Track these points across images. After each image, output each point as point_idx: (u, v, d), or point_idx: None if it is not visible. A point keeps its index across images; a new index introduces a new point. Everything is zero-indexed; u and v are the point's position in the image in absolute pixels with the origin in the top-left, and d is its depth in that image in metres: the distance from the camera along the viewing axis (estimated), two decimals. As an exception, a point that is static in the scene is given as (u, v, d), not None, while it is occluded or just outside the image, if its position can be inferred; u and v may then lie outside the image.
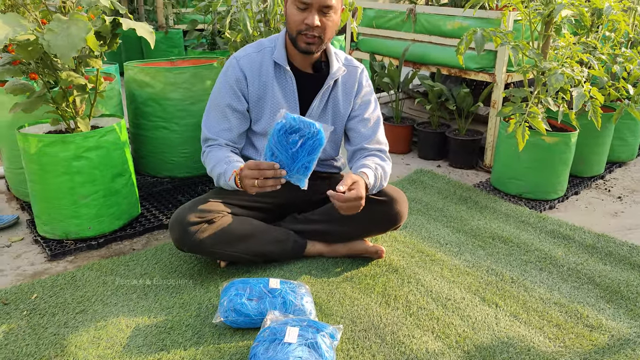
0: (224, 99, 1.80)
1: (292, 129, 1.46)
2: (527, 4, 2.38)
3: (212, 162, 1.77)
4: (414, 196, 2.54)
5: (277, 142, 1.47)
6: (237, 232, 1.77)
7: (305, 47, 1.72)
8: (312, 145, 1.48)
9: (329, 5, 1.66)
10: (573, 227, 2.24)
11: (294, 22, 1.69)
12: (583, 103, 2.23)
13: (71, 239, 2.02)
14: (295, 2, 1.66)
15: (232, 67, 1.82)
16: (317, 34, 1.69)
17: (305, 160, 1.50)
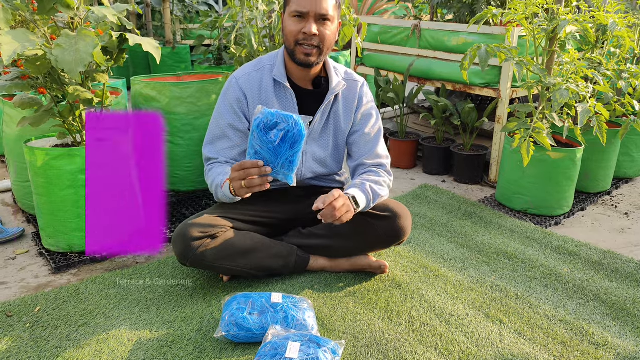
0: (225, 119, 1.81)
1: (271, 124, 1.44)
2: (532, 20, 2.40)
3: (211, 178, 1.77)
4: (418, 211, 2.53)
5: (258, 138, 1.46)
6: (239, 247, 1.77)
7: (303, 59, 1.72)
8: (293, 137, 1.46)
9: (325, 14, 1.68)
10: (579, 243, 2.22)
11: (291, 33, 1.70)
12: (588, 119, 2.23)
13: (75, 252, 2.03)
14: (292, 12, 1.68)
15: (231, 87, 1.83)
16: (316, 43, 1.70)
17: (289, 154, 1.48)
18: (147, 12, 4.86)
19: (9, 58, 1.59)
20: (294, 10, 1.68)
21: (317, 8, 1.67)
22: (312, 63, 1.74)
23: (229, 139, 1.82)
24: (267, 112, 1.45)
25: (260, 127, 1.44)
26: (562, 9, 2.40)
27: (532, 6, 2.32)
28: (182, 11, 5.24)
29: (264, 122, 1.44)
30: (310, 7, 1.67)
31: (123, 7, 1.94)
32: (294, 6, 1.68)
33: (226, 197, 1.70)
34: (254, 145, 1.47)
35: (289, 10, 1.71)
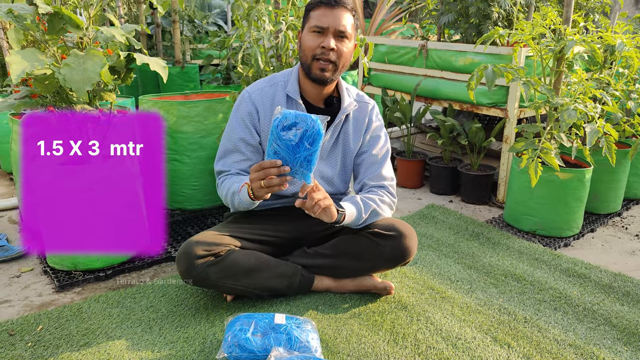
0: (237, 133, 1.82)
1: (290, 124, 1.46)
2: (539, 40, 2.39)
3: (226, 187, 1.78)
4: (425, 231, 2.51)
5: (277, 138, 1.47)
6: (243, 266, 1.76)
7: (319, 74, 1.75)
8: (312, 136, 1.46)
9: (344, 30, 1.72)
10: (589, 265, 2.18)
11: (309, 48, 1.74)
12: (597, 139, 2.20)
13: (79, 270, 2.02)
14: (312, 28, 1.73)
15: (244, 101, 1.85)
16: (333, 58, 1.73)
17: (307, 153, 1.48)
18: (157, 32, 4.92)
19: (17, 77, 1.61)
20: (313, 25, 1.73)
21: (336, 24, 1.72)
22: (327, 79, 1.77)
23: (240, 152, 1.83)
24: (285, 112, 1.47)
25: (280, 127, 1.46)
26: (569, 29, 2.40)
27: (539, 27, 2.32)
28: (191, 31, 5.30)
29: (283, 122, 1.46)
30: (330, 23, 1.71)
31: (131, 27, 1.97)
32: (314, 21, 1.73)
33: (243, 203, 1.70)
34: (273, 145, 1.48)
35: (308, 25, 1.75)
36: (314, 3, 1.76)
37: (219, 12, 5.86)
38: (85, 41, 1.91)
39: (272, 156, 1.49)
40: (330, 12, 1.72)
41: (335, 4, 1.72)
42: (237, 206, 1.75)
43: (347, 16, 1.74)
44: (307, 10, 1.79)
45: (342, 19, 1.72)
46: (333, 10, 1.72)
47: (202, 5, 5.83)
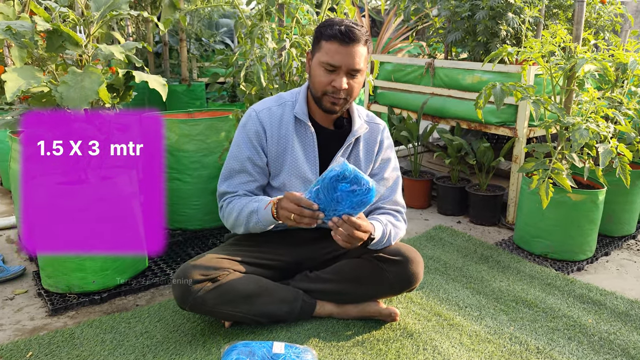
0: (244, 153, 1.75)
1: (347, 180, 1.44)
2: (548, 59, 2.34)
3: (236, 208, 1.71)
4: (432, 254, 2.43)
5: (327, 186, 1.46)
6: (242, 292, 1.69)
7: (330, 107, 1.69)
8: (360, 200, 1.47)
9: (358, 69, 1.64)
10: (604, 291, 2.08)
11: (320, 84, 1.66)
12: (610, 159, 2.13)
13: (74, 293, 1.96)
14: (323, 64, 1.63)
15: (251, 120, 1.78)
16: (344, 95, 1.66)
17: (347, 212, 1.49)
18: (164, 50, 4.93)
19: (12, 95, 1.58)
20: (325, 61, 1.62)
21: (350, 63, 1.62)
22: (337, 112, 1.72)
23: (247, 173, 1.76)
24: (346, 166, 1.45)
25: (334, 179, 1.45)
26: (580, 47, 2.34)
27: (548, 44, 2.27)
28: (198, 50, 5.31)
29: (340, 175, 1.44)
30: (343, 62, 1.62)
31: (132, 45, 1.94)
32: (325, 57, 1.62)
33: (261, 223, 1.65)
34: (319, 188, 1.47)
35: (319, 57, 1.65)
36: (328, 35, 1.62)
37: (226, 30, 5.88)
38: (85, 59, 1.87)
39: (314, 197, 1.49)
40: (345, 49, 1.60)
41: (350, 40, 1.60)
42: (252, 227, 1.68)
43: (362, 51, 1.63)
44: (319, 37, 1.66)
45: (356, 56, 1.62)
46: (347, 47, 1.60)
47: (209, 24, 5.85)
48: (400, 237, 1.80)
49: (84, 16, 1.86)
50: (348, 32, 1.60)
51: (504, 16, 2.86)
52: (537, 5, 2.90)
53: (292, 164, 1.77)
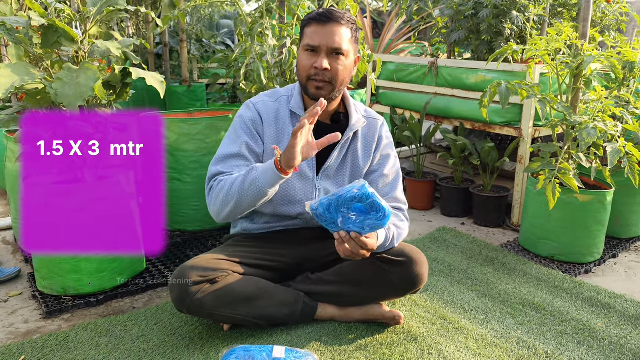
0: (241, 137, 1.70)
1: (362, 202, 1.40)
2: (554, 57, 2.29)
3: (229, 181, 1.59)
4: (436, 256, 2.37)
5: (341, 204, 1.41)
6: (241, 294, 1.64)
7: (315, 93, 1.65)
8: (373, 224, 1.42)
9: (337, 47, 1.61)
10: (613, 294, 2.03)
11: (304, 68, 1.65)
12: (618, 159, 2.08)
13: (70, 295, 1.91)
14: (304, 46, 1.63)
15: (247, 108, 1.76)
16: (327, 78, 1.63)
17: (356, 230, 1.44)
18: (165, 51, 4.89)
19: (5, 91, 1.54)
20: (306, 43, 1.64)
21: (329, 42, 1.61)
22: (324, 97, 1.66)
23: (243, 157, 1.67)
24: (365, 190, 1.40)
25: (350, 199, 1.40)
26: (587, 44, 2.29)
27: (554, 42, 2.22)
28: (199, 50, 5.27)
29: (357, 197, 1.40)
30: (321, 41, 1.61)
31: (129, 41, 1.90)
32: (307, 40, 1.64)
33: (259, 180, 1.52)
34: (331, 202, 1.42)
35: (302, 44, 1.67)
36: (307, 19, 1.67)
37: (227, 31, 5.85)
38: (81, 55, 1.83)
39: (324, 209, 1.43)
40: (323, 28, 1.61)
41: (327, 19, 1.61)
42: (247, 189, 1.53)
43: (342, 31, 1.62)
44: (302, 26, 1.70)
45: (335, 35, 1.61)
46: (325, 26, 1.61)
47: (210, 25, 5.82)
48: (403, 237, 1.75)
49: (80, 12, 1.82)
50: (326, 12, 1.62)
51: (508, 14, 2.81)
52: (542, 3, 2.85)
53: None
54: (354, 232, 1.44)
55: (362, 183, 1.41)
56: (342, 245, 1.47)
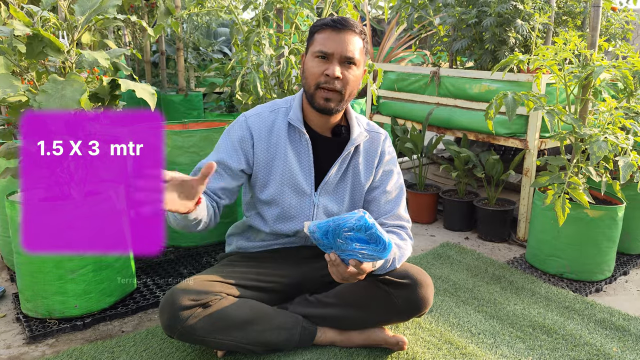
0: (220, 153, 1.63)
1: (360, 231, 1.30)
2: (562, 67, 2.21)
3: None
4: (440, 273, 2.28)
5: (339, 232, 1.32)
6: (235, 318, 1.54)
7: (323, 104, 1.56)
8: (371, 256, 1.33)
9: (351, 57, 1.54)
10: (627, 316, 1.94)
11: (313, 75, 1.56)
12: (631, 174, 1.99)
13: (55, 318, 1.81)
14: (315, 52, 1.55)
15: (237, 125, 1.67)
16: (338, 87, 1.54)
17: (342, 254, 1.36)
18: (161, 60, 4.81)
19: (-16, 104, 1.44)
20: (317, 50, 1.55)
21: (342, 50, 1.53)
22: (332, 109, 1.58)
23: (216, 172, 1.61)
24: (365, 221, 1.30)
25: (348, 227, 1.31)
26: (596, 54, 2.21)
27: (563, 52, 2.14)
28: (196, 59, 5.19)
29: (356, 227, 1.30)
30: (335, 48, 1.53)
31: (119, 51, 1.81)
32: (318, 46, 1.55)
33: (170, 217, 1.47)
34: (329, 229, 1.33)
35: (312, 50, 1.58)
36: (319, 25, 1.58)
37: (225, 40, 5.77)
38: (68, 66, 1.74)
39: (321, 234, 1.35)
40: (337, 35, 1.54)
41: (342, 26, 1.54)
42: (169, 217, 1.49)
43: (356, 40, 1.56)
44: (312, 32, 1.61)
45: (349, 44, 1.54)
46: (340, 33, 1.54)
47: (207, 33, 5.74)
48: (406, 256, 1.65)
49: (67, 20, 1.73)
50: (340, 19, 1.56)
51: (513, 23, 2.74)
52: (547, 12, 2.77)
53: (284, 173, 1.64)
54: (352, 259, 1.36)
55: (362, 213, 1.32)
56: (334, 267, 1.40)
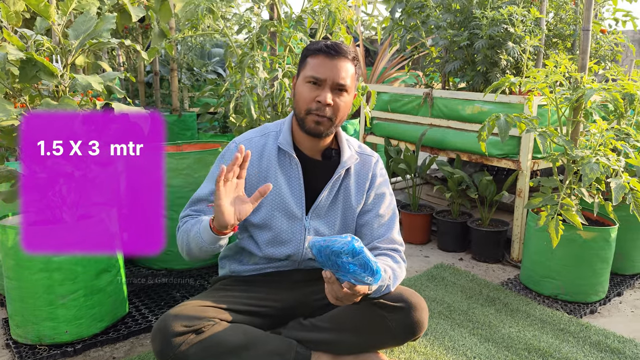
0: (214, 182, 1.62)
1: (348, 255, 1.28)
2: (554, 89, 2.23)
3: (186, 228, 1.55)
4: (434, 295, 2.27)
5: (328, 255, 1.29)
6: (229, 344, 1.52)
7: (313, 128, 1.56)
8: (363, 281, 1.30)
9: (343, 84, 1.54)
10: (622, 338, 1.93)
11: (304, 100, 1.56)
12: (623, 195, 2.00)
13: (45, 344, 1.78)
14: (307, 78, 1.55)
15: (229, 151, 1.67)
16: (329, 114, 1.55)
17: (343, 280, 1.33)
18: (155, 80, 4.83)
19: (-24, 129, 1.44)
20: (309, 75, 1.55)
21: (335, 76, 1.54)
22: (322, 133, 1.58)
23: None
24: (352, 246, 1.27)
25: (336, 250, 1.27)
26: (586, 77, 2.24)
27: (554, 74, 2.17)
28: (190, 79, 5.22)
29: (342, 251, 1.27)
30: (327, 75, 1.53)
31: (113, 74, 1.81)
32: (310, 71, 1.55)
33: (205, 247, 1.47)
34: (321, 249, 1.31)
35: (303, 74, 1.58)
36: (312, 49, 1.59)
37: (219, 60, 5.81)
38: (61, 89, 1.74)
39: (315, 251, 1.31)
40: (330, 62, 1.54)
41: (335, 53, 1.55)
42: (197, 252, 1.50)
43: (348, 66, 1.56)
44: (304, 55, 1.61)
45: (341, 71, 1.54)
46: (333, 60, 1.54)
47: (201, 53, 5.78)
48: (400, 280, 1.64)
49: (61, 44, 1.74)
50: (334, 45, 1.55)
51: (504, 45, 2.77)
52: (538, 35, 2.82)
53: (275, 197, 1.64)
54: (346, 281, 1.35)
55: (350, 238, 1.29)
56: (329, 285, 1.38)
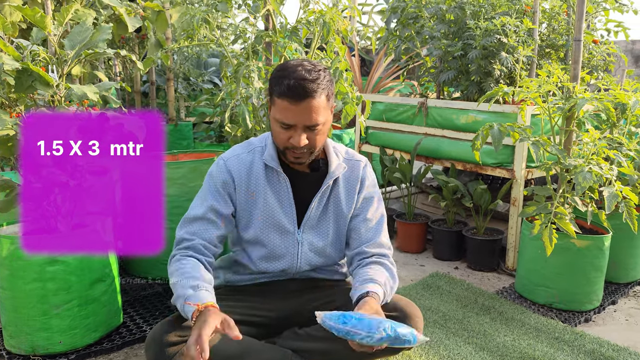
0: (207, 200, 1.61)
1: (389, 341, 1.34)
2: (546, 99, 2.25)
3: (178, 272, 1.49)
4: (429, 304, 2.27)
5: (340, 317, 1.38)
6: (223, 353, 1.52)
7: (295, 161, 1.58)
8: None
9: (314, 124, 1.50)
10: (616, 347, 1.93)
11: (280, 140, 1.54)
12: (616, 204, 2.01)
13: (39, 355, 1.78)
14: (277, 119, 1.51)
15: (218, 168, 1.65)
16: (306, 149, 1.54)
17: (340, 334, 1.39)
18: (151, 90, 4.85)
19: (-29, 139, 1.44)
20: (279, 119, 1.50)
21: (304, 120, 1.49)
22: (303, 163, 1.60)
23: (209, 221, 1.60)
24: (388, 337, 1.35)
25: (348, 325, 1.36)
26: (578, 87, 2.27)
27: (546, 84, 2.19)
28: (186, 89, 5.23)
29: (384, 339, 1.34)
30: (297, 120, 1.49)
31: (109, 84, 1.82)
32: (278, 115, 1.50)
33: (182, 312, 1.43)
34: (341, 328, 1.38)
35: (273, 113, 1.53)
36: (278, 92, 1.48)
37: (215, 70, 5.83)
38: (57, 99, 1.75)
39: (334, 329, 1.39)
40: (297, 108, 1.47)
41: (300, 98, 1.46)
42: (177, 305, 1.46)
43: (316, 103, 1.49)
44: (271, 90, 1.54)
45: (311, 113, 1.48)
46: (300, 105, 1.47)
47: (198, 63, 5.80)
48: (395, 289, 1.65)
49: (57, 54, 1.74)
50: (297, 87, 1.46)
51: (497, 55, 2.80)
52: (531, 45, 2.85)
53: (265, 214, 1.64)
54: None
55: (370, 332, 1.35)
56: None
